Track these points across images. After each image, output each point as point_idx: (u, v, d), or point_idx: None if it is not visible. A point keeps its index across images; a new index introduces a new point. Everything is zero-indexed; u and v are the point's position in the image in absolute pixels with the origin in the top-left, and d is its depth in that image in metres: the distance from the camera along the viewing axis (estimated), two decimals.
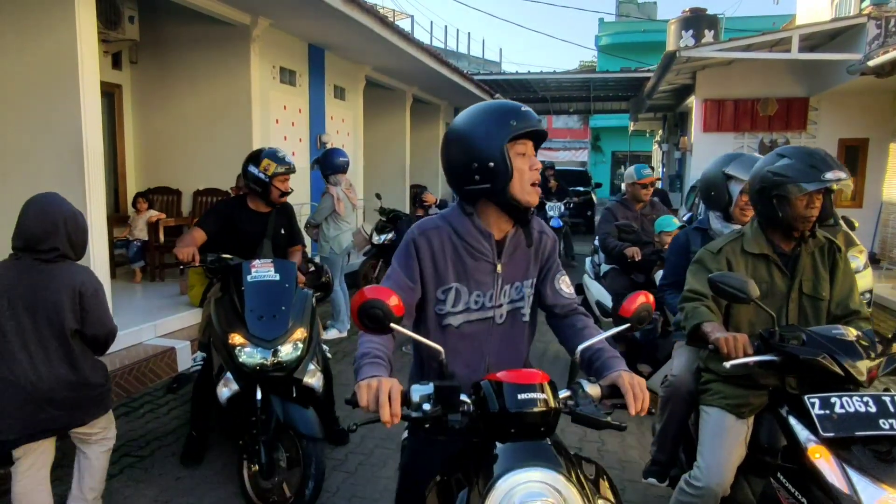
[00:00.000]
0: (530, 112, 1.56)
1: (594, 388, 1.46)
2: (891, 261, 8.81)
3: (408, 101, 11.96)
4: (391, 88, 11.35)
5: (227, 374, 2.95)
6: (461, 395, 1.36)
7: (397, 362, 1.55)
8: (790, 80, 10.32)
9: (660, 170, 17.34)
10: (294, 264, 3.33)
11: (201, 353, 3.73)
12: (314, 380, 3.08)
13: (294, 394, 3.03)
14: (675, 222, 4.21)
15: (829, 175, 2.02)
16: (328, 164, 5.79)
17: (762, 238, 2.24)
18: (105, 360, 2.75)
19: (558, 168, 13.59)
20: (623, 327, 1.52)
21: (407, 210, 10.50)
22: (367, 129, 10.57)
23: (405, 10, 79.47)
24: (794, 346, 1.94)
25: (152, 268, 6.68)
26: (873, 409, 1.82)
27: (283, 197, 3.55)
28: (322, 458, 2.83)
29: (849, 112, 10.16)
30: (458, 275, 1.62)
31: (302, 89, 8.24)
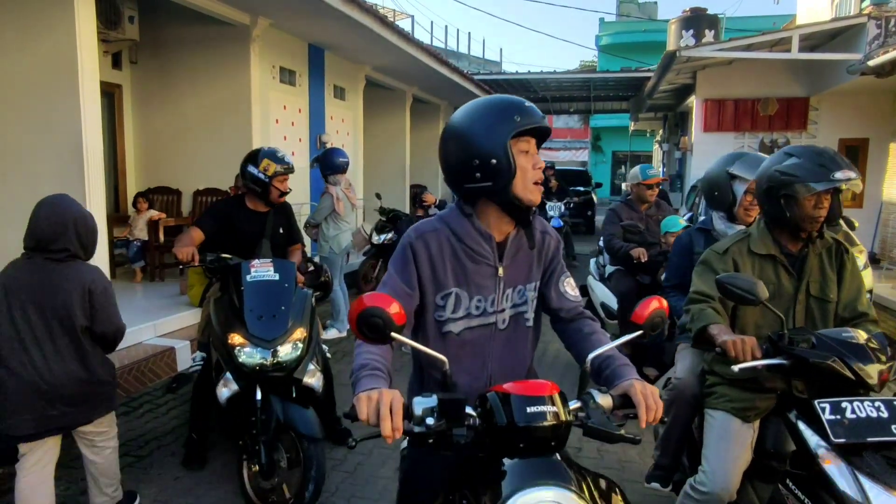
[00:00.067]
0: (534, 108, 1.49)
1: (605, 399, 1.38)
2: (891, 261, 8.80)
3: (408, 101, 11.96)
4: (391, 88, 11.35)
5: (227, 375, 2.94)
6: (466, 408, 1.28)
7: (396, 362, 1.52)
8: (790, 79, 10.32)
9: (660, 169, 17.34)
10: (293, 264, 3.32)
11: (200, 353, 3.72)
12: (314, 380, 3.07)
13: (294, 394, 3.02)
14: (681, 222, 4.16)
15: (839, 175, 1.97)
16: (328, 163, 5.79)
17: (769, 238, 2.19)
18: None
19: (558, 168, 13.60)
20: (635, 334, 1.46)
21: (407, 210, 10.50)
22: (367, 129, 10.57)
23: (405, 10, 79.44)
24: (804, 350, 1.89)
25: (152, 267, 6.67)
26: (885, 414, 1.78)
27: (282, 197, 3.54)
28: (323, 460, 2.82)
29: (849, 112, 10.15)
30: (457, 279, 1.55)
31: (302, 89, 8.23)
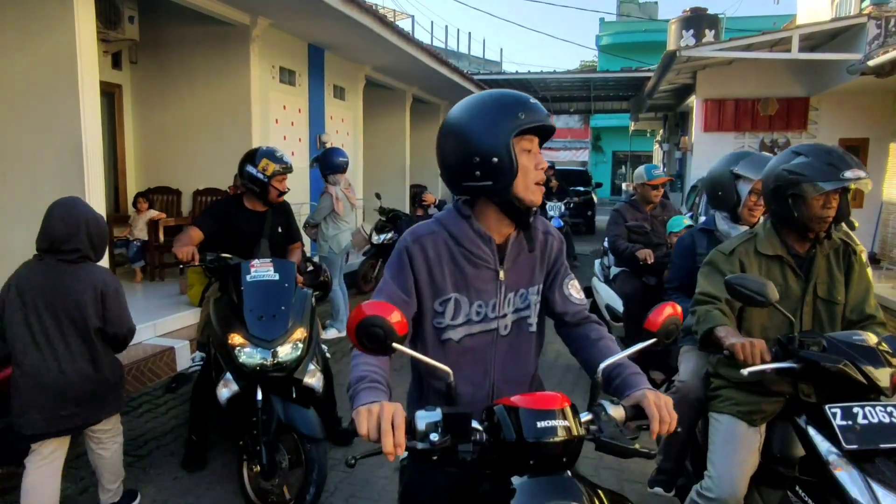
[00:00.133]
0: (539, 105, 1.42)
1: (618, 411, 1.31)
2: (891, 261, 8.80)
3: (408, 101, 11.97)
4: (391, 88, 11.36)
5: (227, 375, 2.93)
6: (472, 422, 1.22)
7: (396, 362, 1.50)
8: (790, 79, 10.31)
9: (662, 170, 17.30)
10: (293, 264, 3.31)
11: (200, 353, 3.72)
12: (314, 380, 3.06)
13: (294, 394, 3.02)
14: (685, 222, 4.11)
15: (849, 174, 1.92)
16: (327, 163, 5.79)
17: (776, 239, 2.14)
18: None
19: (559, 168, 13.62)
20: (649, 342, 1.38)
21: (407, 210, 10.50)
22: (366, 129, 10.57)
23: (406, 10, 79.44)
24: (815, 353, 1.85)
25: (152, 267, 6.69)
26: None
27: (281, 196, 3.54)
28: (324, 462, 2.81)
29: (849, 112, 10.14)
30: (456, 284, 1.48)
31: (301, 89, 8.24)
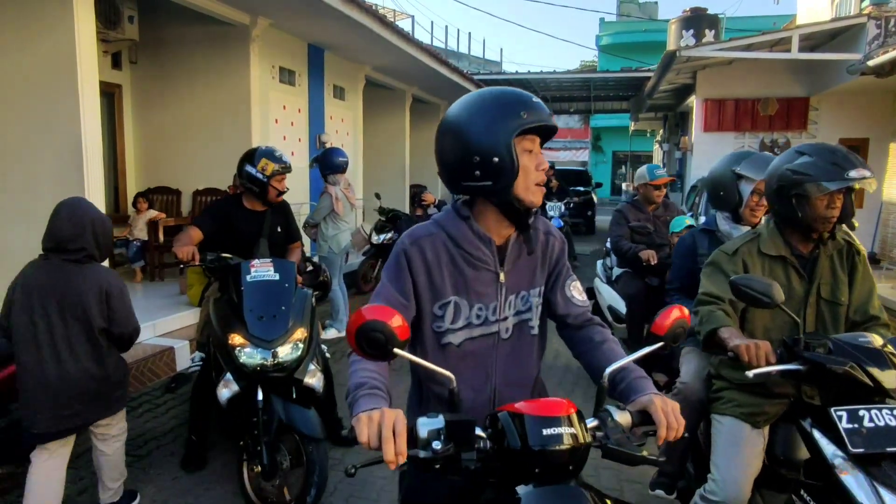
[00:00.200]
0: (541, 104, 1.39)
1: (624, 416, 1.28)
2: (891, 261, 8.80)
3: (407, 101, 11.97)
4: (391, 88, 11.35)
5: (227, 375, 2.93)
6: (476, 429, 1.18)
7: (393, 363, 1.50)
8: (790, 79, 10.31)
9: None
10: (293, 264, 3.31)
11: (199, 353, 3.72)
12: (314, 380, 3.06)
13: (294, 394, 3.02)
14: (687, 222, 4.09)
15: (853, 173, 1.90)
16: (327, 163, 5.80)
17: (779, 239, 2.12)
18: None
19: (559, 168, 13.63)
20: (656, 346, 1.35)
21: (406, 210, 10.50)
22: (366, 129, 10.57)
23: (406, 10, 79.49)
24: (821, 355, 1.82)
25: (152, 267, 6.69)
26: None
27: (280, 196, 3.54)
28: (325, 464, 2.81)
29: (849, 112, 10.15)
30: (456, 287, 1.45)
31: (301, 89, 8.24)
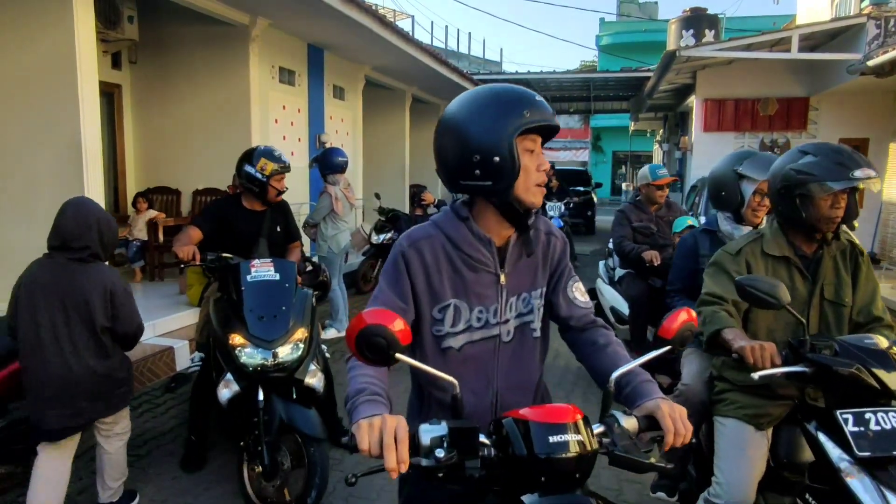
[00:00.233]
0: (545, 103, 1.34)
1: (630, 422, 1.25)
2: (891, 261, 8.80)
3: (407, 101, 11.97)
4: (391, 88, 11.35)
5: (228, 375, 2.92)
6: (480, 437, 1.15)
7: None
8: (790, 79, 10.32)
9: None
10: (294, 264, 3.30)
11: (199, 354, 3.72)
12: (315, 380, 3.05)
13: (294, 394, 3.01)
14: (689, 223, 4.05)
15: (859, 173, 1.88)
16: (327, 163, 5.80)
17: (783, 239, 2.10)
18: None
19: (559, 168, 13.63)
20: (663, 350, 1.32)
21: (406, 210, 10.51)
22: (366, 129, 10.57)
23: (406, 10, 79.51)
24: (827, 357, 1.79)
25: (151, 267, 6.69)
26: None
27: (280, 196, 3.55)
28: (327, 465, 2.80)
29: (849, 112, 10.15)
30: (455, 290, 1.42)
31: (301, 89, 8.25)
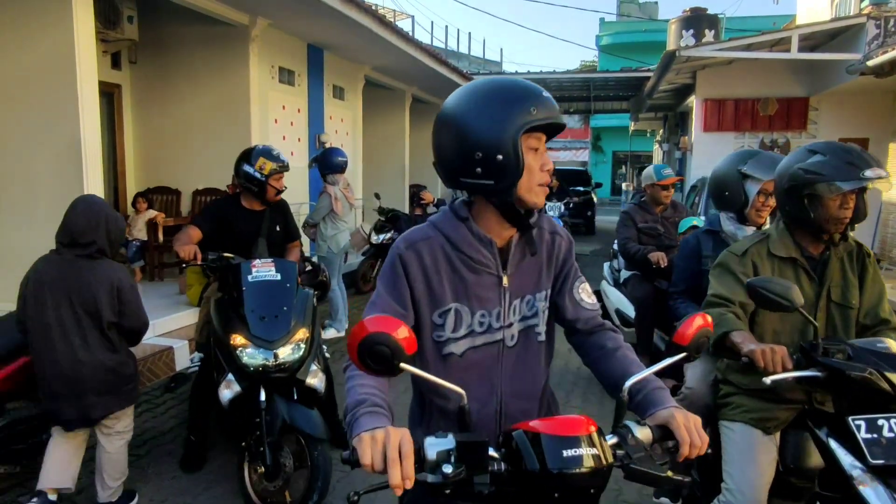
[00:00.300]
0: (551, 99, 1.28)
1: (644, 432, 1.19)
2: (891, 261, 8.81)
3: (407, 101, 11.97)
4: (390, 88, 11.35)
5: (229, 376, 2.91)
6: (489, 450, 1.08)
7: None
8: (790, 79, 10.32)
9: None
10: (294, 264, 3.30)
11: (199, 354, 3.72)
12: (316, 380, 3.05)
13: (295, 395, 3.01)
14: (695, 223, 3.99)
15: (869, 172, 1.85)
16: (326, 163, 5.80)
17: (789, 240, 2.06)
18: None
19: (559, 168, 13.63)
20: (678, 357, 1.26)
21: (406, 210, 10.51)
22: (366, 129, 10.57)
23: (406, 10, 79.60)
24: (841, 361, 1.74)
25: (151, 267, 6.69)
26: None
27: (279, 195, 3.54)
28: (329, 468, 2.79)
29: (849, 112, 10.15)
30: (456, 293, 1.36)
31: (301, 89, 8.25)
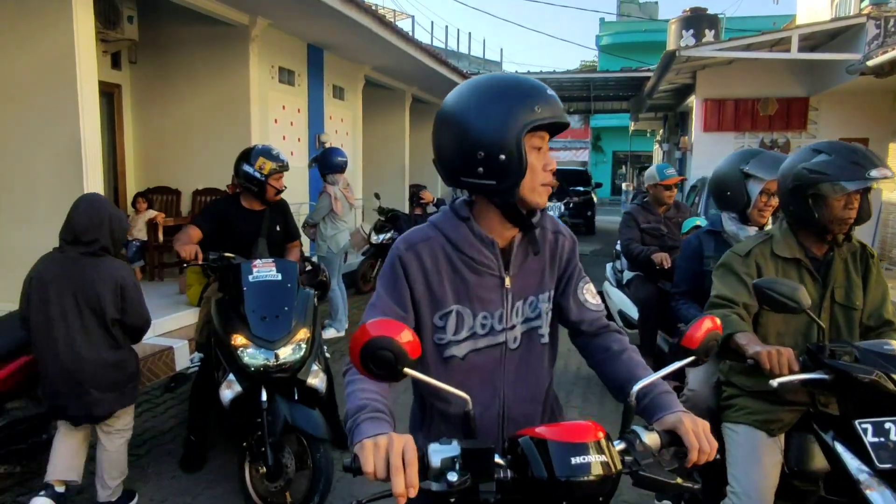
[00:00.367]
0: (556, 97, 1.24)
1: (652, 438, 1.17)
2: (891, 261, 8.80)
3: (407, 101, 11.97)
4: (390, 88, 11.36)
5: (230, 376, 2.91)
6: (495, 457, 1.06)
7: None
8: (790, 79, 10.32)
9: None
10: (295, 264, 3.30)
11: (199, 354, 3.72)
12: (317, 380, 3.04)
13: (296, 395, 3.01)
14: (698, 223, 3.96)
15: (875, 172, 1.83)
16: (326, 163, 5.81)
17: (793, 241, 2.04)
18: None
19: (558, 168, 13.60)
20: (687, 360, 1.25)
21: (406, 210, 10.51)
22: (366, 129, 10.58)
23: (405, 10, 79.58)
24: (847, 364, 1.72)
25: (151, 267, 6.69)
26: None
27: (279, 195, 3.54)
28: (331, 470, 2.79)
29: (849, 112, 10.15)
30: (457, 295, 1.33)
31: (301, 89, 8.25)
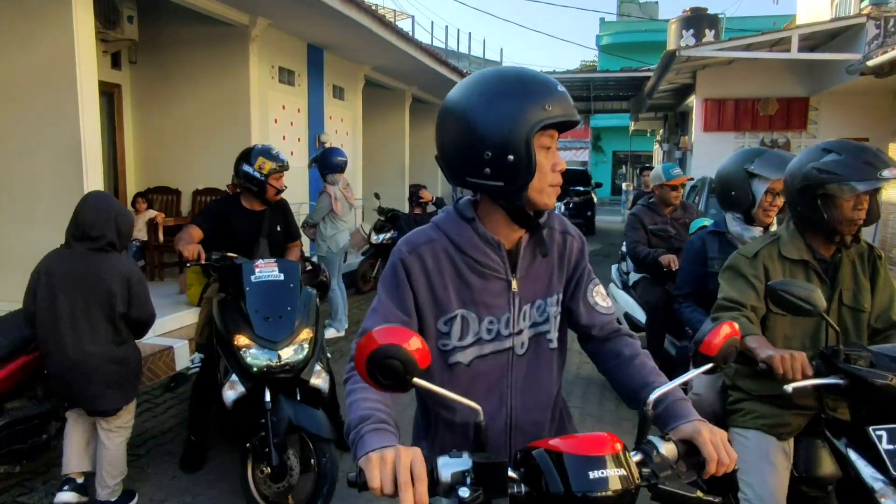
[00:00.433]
0: (566, 94, 1.18)
1: (669, 448, 1.12)
2: (891, 261, 8.81)
3: (407, 101, 11.98)
4: (390, 88, 11.36)
5: (233, 377, 2.90)
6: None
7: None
8: (790, 79, 10.32)
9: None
10: (297, 264, 3.29)
11: (199, 355, 3.71)
12: (320, 381, 3.04)
13: (299, 395, 3.01)
14: (705, 224, 3.86)
15: (887, 172, 1.78)
16: (326, 163, 5.81)
17: (800, 242, 2.00)
18: None
19: None
20: (705, 367, 1.20)
21: (406, 209, 10.51)
22: (366, 129, 10.58)
23: (406, 10, 79.60)
24: (863, 369, 1.68)
25: (151, 267, 6.69)
26: None
27: (279, 194, 3.54)
28: (336, 473, 2.78)
29: (849, 112, 10.15)
30: (462, 299, 1.28)
31: (301, 89, 8.25)
